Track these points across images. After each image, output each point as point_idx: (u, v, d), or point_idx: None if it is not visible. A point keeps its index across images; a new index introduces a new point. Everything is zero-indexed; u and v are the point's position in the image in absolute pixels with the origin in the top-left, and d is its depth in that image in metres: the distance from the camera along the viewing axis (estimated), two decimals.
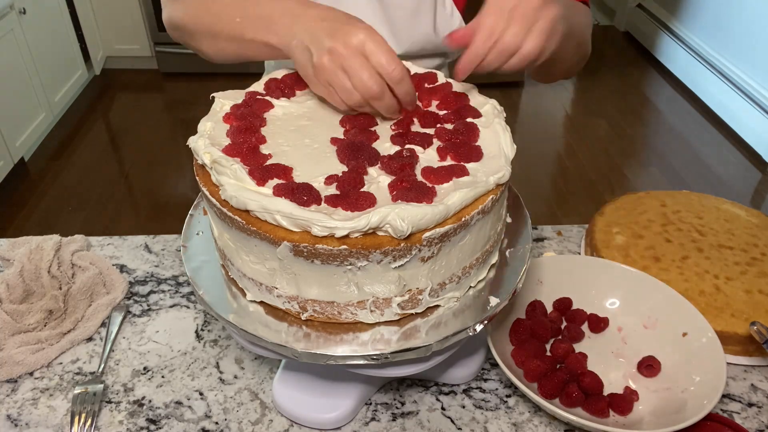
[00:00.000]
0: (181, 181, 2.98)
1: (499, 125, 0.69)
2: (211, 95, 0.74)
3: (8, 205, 2.79)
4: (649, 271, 0.88)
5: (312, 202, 0.58)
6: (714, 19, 3.65)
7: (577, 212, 2.79)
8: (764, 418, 0.77)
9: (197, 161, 0.66)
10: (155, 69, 3.93)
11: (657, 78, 4.03)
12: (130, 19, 3.72)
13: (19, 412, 0.76)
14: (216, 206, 0.61)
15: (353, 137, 0.68)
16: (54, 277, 0.91)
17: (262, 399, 0.78)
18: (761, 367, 0.83)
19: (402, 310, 0.63)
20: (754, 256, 0.92)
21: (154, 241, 1.03)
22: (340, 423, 0.74)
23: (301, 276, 0.60)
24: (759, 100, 3.20)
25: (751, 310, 0.84)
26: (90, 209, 2.79)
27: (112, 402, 0.77)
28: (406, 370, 0.66)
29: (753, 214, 1.01)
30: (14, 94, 2.85)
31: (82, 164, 3.11)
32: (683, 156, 3.21)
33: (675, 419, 0.68)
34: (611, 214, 1.01)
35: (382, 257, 0.57)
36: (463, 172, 0.62)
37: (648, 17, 4.31)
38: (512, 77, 3.81)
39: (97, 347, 0.85)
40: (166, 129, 3.47)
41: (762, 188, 2.99)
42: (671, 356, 0.79)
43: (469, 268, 0.65)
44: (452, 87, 0.77)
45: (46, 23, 3.19)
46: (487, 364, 0.82)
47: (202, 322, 0.89)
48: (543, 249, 1.02)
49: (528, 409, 0.77)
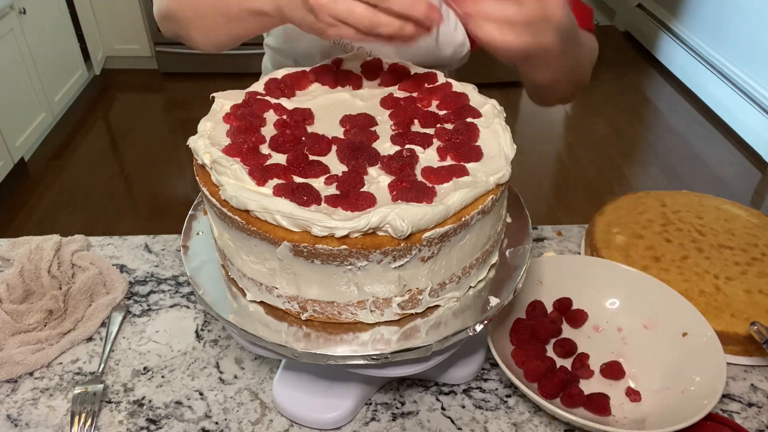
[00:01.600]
0: (181, 181, 2.98)
1: (499, 125, 0.69)
2: (211, 95, 0.74)
3: (8, 205, 2.79)
4: (649, 271, 0.88)
5: (312, 202, 0.58)
6: (714, 19, 3.65)
7: (577, 212, 2.79)
8: (764, 418, 0.77)
9: (197, 161, 0.66)
10: (155, 69, 3.93)
11: (657, 78, 4.03)
12: (130, 19, 3.72)
13: (19, 412, 0.76)
14: (216, 206, 0.61)
15: (353, 137, 0.68)
16: (54, 277, 0.91)
17: (262, 399, 0.78)
18: (761, 367, 0.83)
19: (402, 310, 0.63)
20: (754, 256, 0.92)
21: (154, 241, 1.03)
22: (340, 423, 0.74)
23: (301, 276, 0.60)
24: (759, 100, 3.20)
25: (751, 310, 0.84)
26: (90, 209, 2.79)
27: (112, 402, 0.77)
28: (406, 370, 0.66)
29: (753, 214, 1.01)
30: (14, 94, 2.85)
31: (82, 164, 3.11)
32: (683, 156, 3.21)
33: (675, 419, 0.68)
34: (611, 214, 1.01)
35: (382, 257, 0.57)
36: (463, 172, 0.62)
37: (648, 17, 4.31)
38: (512, 77, 3.80)
39: (97, 347, 0.85)
40: (166, 129, 3.47)
41: (762, 188, 3.00)
42: (671, 356, 0.79)
43: (469, 268, 0.65)
44: (452, 87, 0.77)
45: (46, 23, 3.19)
46: (487, 364, 0.82)
47: (202, 322, 0.89)
48: (543, 249, 1.02)
49: (528, 409, 0.77)
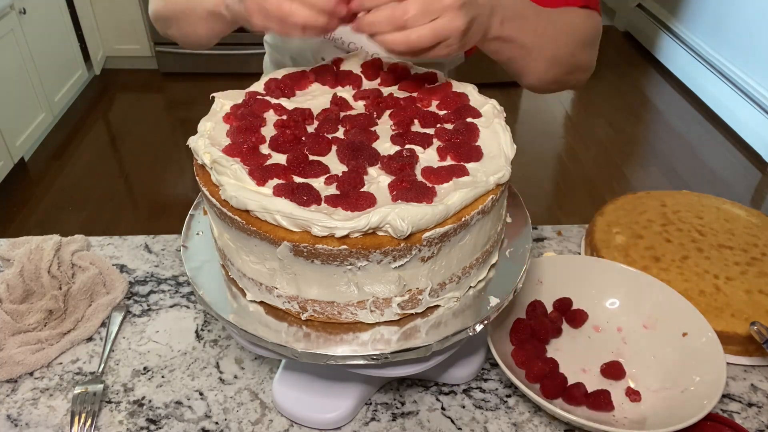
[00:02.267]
0: (181, 181, 2.98)
1: (499, 125, 0.69)
2: (211, 95, 0.74)
3: (8, 205, 2.79)
4: (649, 271, 0.88)
5: (312, 202, 0.58)
6: (714, 19, 3.65)
7: (577, 212, 2.79)
8: (764, 418, 0.77)
9: (197, 161, 0.66)
10: (155, 69, 3.92)
11: (657, 78, 4.03)
12: (130, 19, 3.72)
13: (19, 412, 0.76)
14: (216, 206, 0.61)
15: (353, 137, 0.68)
16: (54, 277, 0.91)
17: (262, 399, 0.78)
18: (761, 367, 0.83)
19: (402, 310, 0.63)
20: (754, 256, 0.92)
21: (154, 241, 1.03)
22: (340, 423, 0.74)
23: (301, 276, 0.60)
24: (759, 100, 3.20)
25: (751, 310, 0.84)
26: (90, 209, 2.79)
27: (112, 402, 0.77)
28: (406, 370, 0.66)
29: (753, 214, 1.01)
30: (14, 94, 2.85)
31: (82, 164, 3.11)
32: (683, 156, 3.21)
33: (675, 419, 0.68)
34: (611, 214, 1.01)
35: (382, 257, 0.57)
36: (463, 172, 0.62)
37: (648, 17, 4.31)
38: (512, 77, 3.81)
39: (97, 347, 0.85)
40: (166, 129, 3.47)
41: (762, 188, 2.99)
42: (671, 356, 0.79)
43: (469, 268, 0.65)
44: (452, 87, 0.77)
45: (46, 23, 3.19)
46: (487, 364, 0.82)
47: (202, 322, 0.89)
48: (543, 249, 1.02)
49: (528, 409, 0.77)
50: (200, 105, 0.97)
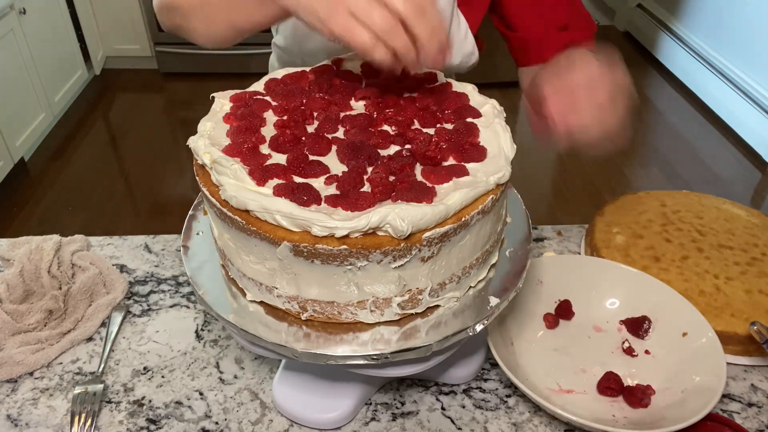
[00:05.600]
0: (181, 181, 2.98)
1: (499, 125, 0.69)
2: (211, 95, 0.74)
3: (8, 205, 2.79)
4: (649, 271, 0.88)
5: (312, 202, 0.58)
6: (714, 19, 3.65)
7: (577, 212, 2.78)
8: (764, 418, 0.77)
9: (197, 161, 0.66)
10: (155, 69, 3.93)
11: (657, 78, 4.03)
12: (130, 19, 3.72)
13: (19, 412, 0.76)
14: (216, 206, 0.61)
15: (353, 137, 0.68)
16: (54, 277, 0.91)
17: (262, 399, 0.78)
18: (761, 367, 0.83)
19: (402, 310, 0.63)
20: (754, 256, 0.92)
21: (154, 241, 1.03)
22: (340, 423, 0.74)
23: (301, 276, 0.60)
24: (759, 100, 3.20)
25: (751, 310, 0.84)
26: (90, 209, 2.79)
27: (112, 402, 0.77)
28: (406, 370, 0.66)
29: (753, 214, 1.01)
30: (14, 94, 2.85)
31: (82, 164, 3.11)
32: (683, 156, 3.21)
33: (675, 419, 0.68)
34: (611, 214, 1.01)
35: (382, 257, 0.57)
36: (463, 172, 0.62)
37: (648, 17, 4.31)
38: (512, 77, 3.80)
39: (97, 347, 0.85)
40: (166, 129, 3.47)
41: (762, 188, 2.99)
42: (671, 356, 0.79)
43: (469, 268, 0.65)
44: (452, 87, 0.77)
45: (46, 23, 3.19)
46: (487, 364, 0.82)
47: (202, 322, 0.89)
48: (543, 249, 1.02)
49: (528, 409, 0.77)
50: (200, 105, 0.97)
